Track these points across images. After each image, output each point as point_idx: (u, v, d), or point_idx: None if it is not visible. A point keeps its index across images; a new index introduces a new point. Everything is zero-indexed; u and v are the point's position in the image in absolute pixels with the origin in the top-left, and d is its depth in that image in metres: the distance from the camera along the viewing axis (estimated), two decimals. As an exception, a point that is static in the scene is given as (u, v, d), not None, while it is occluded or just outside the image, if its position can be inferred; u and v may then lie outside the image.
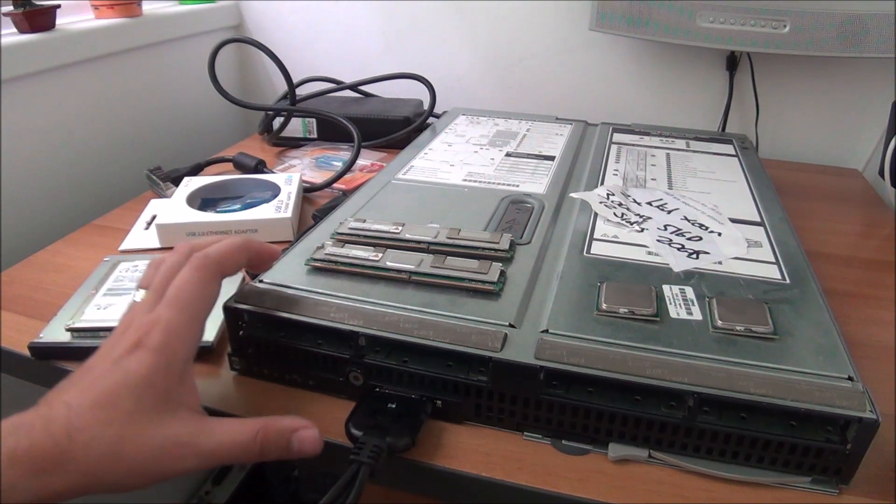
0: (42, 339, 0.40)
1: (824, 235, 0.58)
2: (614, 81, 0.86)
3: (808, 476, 0.32)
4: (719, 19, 0.69)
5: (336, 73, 0.90)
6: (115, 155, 0.77)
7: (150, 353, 0.29)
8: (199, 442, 0.29)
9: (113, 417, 0.27)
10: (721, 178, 0.58)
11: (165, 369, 0.29)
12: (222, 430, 0.30)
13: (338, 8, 0.92)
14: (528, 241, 0.45)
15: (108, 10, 0.76)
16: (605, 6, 0.73)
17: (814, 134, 0.82)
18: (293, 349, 0.37)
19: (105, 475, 0.27)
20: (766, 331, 0.35)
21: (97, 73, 0.73)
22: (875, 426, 0.29)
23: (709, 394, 0.31)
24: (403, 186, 0.55)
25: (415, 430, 0.33)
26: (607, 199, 0.52)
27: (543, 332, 0.35)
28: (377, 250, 0.41)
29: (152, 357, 0.29)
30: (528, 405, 0.34)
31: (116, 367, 0.29)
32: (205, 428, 0.29)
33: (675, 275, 0.41)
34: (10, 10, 0.65)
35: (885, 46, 0.65)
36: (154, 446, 0.28)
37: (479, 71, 0.91)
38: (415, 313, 0.36)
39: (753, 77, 0.79)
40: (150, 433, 0.28)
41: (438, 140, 0.67)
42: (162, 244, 0.54)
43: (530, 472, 0.33)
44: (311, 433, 0.31)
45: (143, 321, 0.30)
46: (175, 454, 0.28)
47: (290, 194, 0.58)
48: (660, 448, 0.33)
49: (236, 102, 0.71)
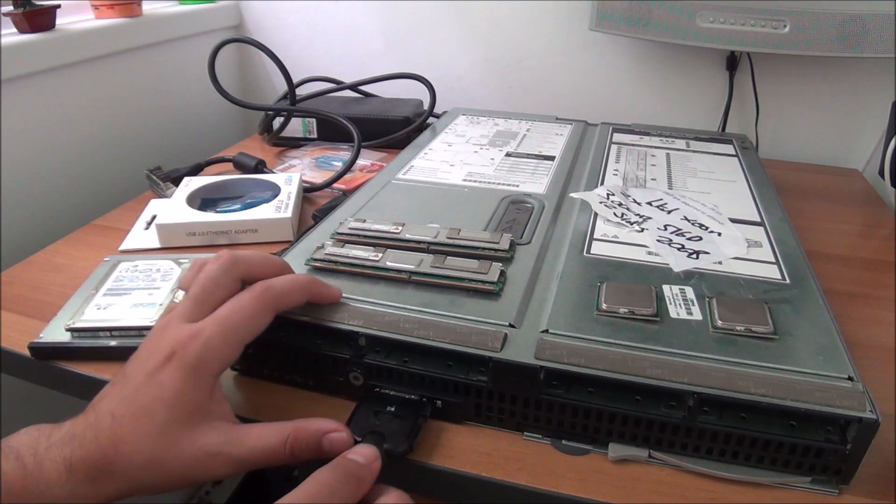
0: (42, 339, 0.40)
1: (824, 235, 0.58)
2: (614, 81, 0.86)
3: (808, 476, 0.32)
4: (719, 19, 0.69)
5: (336, 73, 0.90)
6: (115, 155, 0.77)
7: (183, 368, 0.30)
8: (231, 451, 0.30)
9: (150, 430, 0.29)
10: (721, 178, 0.58)
11: (196, 386, 0.30)
12: (252, 437, 0.30)
13: (338, 8, 0.92)
14: (528, 241, 0.45)
15: (108, 10, 0.76)
16: (605, 6, 0.73)
17: (814, 134, 0.82)
18: (293, 349, 0.37)
19: (147, 481, 0.29)
20: (766, 331, 0.35)
21: (97, 73, 0.73)
22: (875, 426, 0.29)
23: (709, 394, 0.31)
24: (403, 186, 0.55)
25: (413, 435, 0.33)
26: (607, 199, 0.52)
27: (543, 332, 0.35)
28: (377, 250, 0.41)
29: (184, 373, 0.30)
30: (528, 405, 0.34)
31: (151, 381, 0.30)
32: (235, 437, 0.30)
33: (675, 275, 0.41)
34: (10, 10, 0.65)
35: (885, 46, 0.65)
36: (188, 457, 0.29)
37: (479, 71, 0.91)
38: (415, 313, 0.36)
39: (753, 77, 0.79)
40: (185, 445, 0.29)
41: (438, 140, 0.67)
42: (162, 244, 0.54)
43: (530, 472, 0.33)
44: (342, 435, 0.31)
45: (182, 332, 0.31)
46: (208, 463, 0.30)
47: (290, 194, 0.58)
48: (660, 448, 0.33)
49: (236, 102, 0.71)
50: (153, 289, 0.45)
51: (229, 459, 0.30)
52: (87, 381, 0.39)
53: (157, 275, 0.46)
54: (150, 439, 0.29)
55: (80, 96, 0.71)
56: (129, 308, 0.42)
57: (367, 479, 0.29)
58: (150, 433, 0.29)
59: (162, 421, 0.29)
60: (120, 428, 0.29)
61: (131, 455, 0.28)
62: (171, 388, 0.29)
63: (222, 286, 0.33)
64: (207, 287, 0.32)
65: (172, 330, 0.31)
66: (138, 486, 0.29)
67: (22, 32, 0.65)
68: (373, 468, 0.29)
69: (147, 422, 0.29)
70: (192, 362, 0.30)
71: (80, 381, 0.40)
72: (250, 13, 0.97)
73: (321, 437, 0.31)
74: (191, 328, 0.31)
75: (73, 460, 0.28)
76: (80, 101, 0.72)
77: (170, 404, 0.29)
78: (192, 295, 0.32)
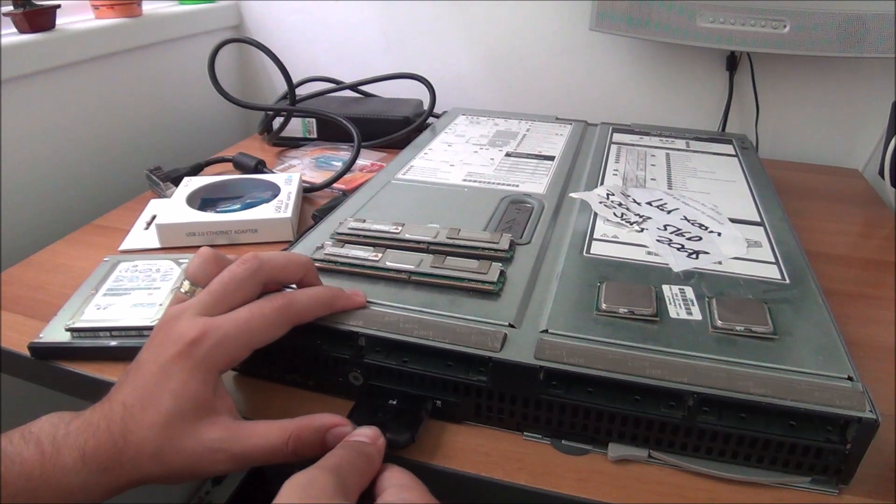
0: (42, 339, 0.40)
1: (824, 235, 0.58)
2: (614, 81, 0.86)
3: (807, 476, 0.32)
4: (719, 19, 0.69)
5: (336, 73, 0.90)
6: (115, 155, 0.77)
7: (194, 363, 0.30)
8: (232, 447, 0.30)
9: (157, 420, 0.29)
10: (721, 178, 0.58)
11: (202, 380, 0.30)
12: (254, 434, 0.30)
13: (338, 8, 0.92)
14: (527, 241, 0.45)
15: (108, 10, 0.76)
16: (605, 6, 0.73)
17: (814, 134, 0.82)
18: (293, 349, 0.37)
19: (151, 473, 0.29)
20: (766, 331, 0.35)
21: (97, 73, 0.73)
22: (875, 426, 0.29)
23: (709, 394, 0.31)
24: (403, 186, 0.55)
25: (415, 426, 0.33)
26: (607, 199, 0.52)
27: (543, 332, 0.35)
28: (377, 250, 0.41)
29: (193, 367, 0.30)
30: (527, 405, 0.34)
31: (163, 373, 0.30)
32: (237, 433, 0.30)
33: (675, 275, 0.41)
34: (10, 10, 0.65)
35: (885, 46, 0.65)
36: (189, 451, 0.29)
37: (479, 71, 0.91)
38: (415, 313, 0.36)
39: (753, 77, 0.79)
40: (187, 438, 0.29)
41: (438, 140, 0.67)
42: (162, 244, 0.54)
43: (530, 472, 0.33)
44: (346, 430, 0.31)
45: (197, 324, 0.31)
46: (209, 458, 0.30)
47: (290, 194, 0.58)
48: (660, 448, 0.33)
49: (236, 102, 0.71)
50: (153, 289, 0.45)
51: (230, 455, 0.30)
52: (87, 381, 0.39)
53: (157, 275, 0.46)
54: (157, 430, 0.29)
55: (80, 96, 0.71)
56: (129, 308, 0.42)
57: (376, 457, 0.29)
58: (156, 423, 0.29)
59: (167, 412, 0.29)
60: (130, 418, 0.29)
61: (140, 446, 0.29)
62: (180, 381, 0.30)
63: (244, 289, 0.33)
64: (230, 286, 0.33)
65: (187, 321, 0.31)
66: (146, 477, 0.29)
67: (22, 32, 0.65)
68: (378, 445, 0.30)
69: (154, 412, 0.29)
70: (203, 357, 0.30)
71: (80, 381, 0.40)
72: (250, 13, 0.97)
73: (325, 433, 0.31)
74: (206, 322, 0.31)
75: (86, 449, 0.28)
76: (80, 101, 0.72)
77: (176, 395, 0.29)
78: (213, 290, 0.32)
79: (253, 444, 0.30)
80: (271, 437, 0.30)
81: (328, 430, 0.31)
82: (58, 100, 0.69)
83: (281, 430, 0.30)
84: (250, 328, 0.32)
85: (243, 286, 0.33)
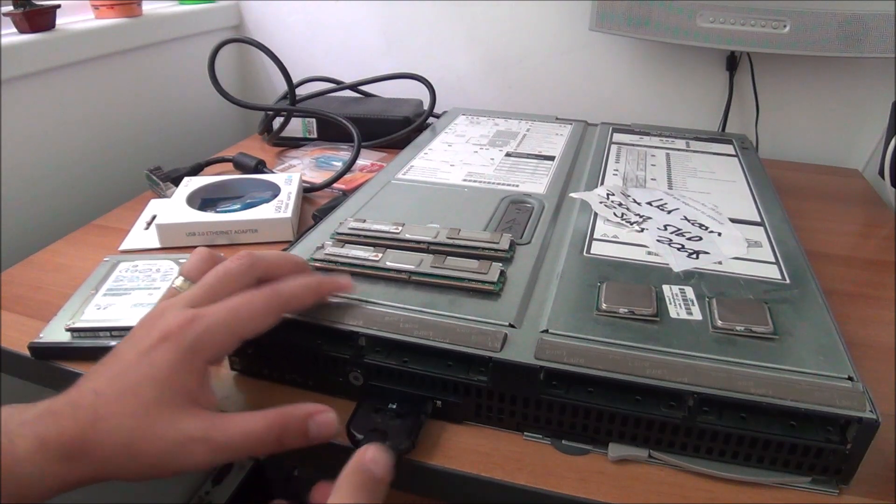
0: (42, 339, 0.40)
1: (824, 235, 0.58)
2: (614, 81, 0.86)
3: (808, 476, 0.32)
4: (719, 19, 0.69)
5: (336, 73, 0.90)
6: (116, 155, 0.77)
7: (179, 349, 0.29)
8: (212, 437, 0.29)
9: (133, 409, 0.28)
10: (721, 178, 0.58)
11: (187, 368, 0.29)
12: (236, 423, 0.29)
13: (338, 8, 0.92)
14: (528, 241, 0.45)
15: (108, 10, 0.76)
16: (605, 6, 0.73)
17: (814, 134, 0.82)
18: (293, 349, 0.37)
19: (122, 465, 0.28)
20: (766, 331, 0.35)
21: (97, 73, 0.73)
22: (875, 426, 0.29)
23: (709, 394, 0.31)
24: (403, 186, 0.55)
25: (415, 431, 0.33)
26: (607, 199, 0.52)
27: (543, 332, 0.35)
28: (377, 250, 0.41)
29: (179, 353, 0.29)
30: (528, 405, 0.34)
31: (144, 359, 0.29)
32: (219, 423, 0.29)
33: (675, 275, 0.41)
34: (10, 10, 0.65)
35: (885, 46, 0.65)
36: (167, 441, 0.28)
37: (479, 71, 0.91)
38: (415, 313, 0.36)
39: (753, 77, 0.79)
40: (165, 427, 0.28)
41: (438, 140, 0.67)
42: (162, 244, 0.54)
43: (530, 472, 0.33)
44: (328, 416, 0.31)
45: (183, 314, 0.30)
46: (189, 449, 0.28)
47: (290, 194, 0.58)
48: (660, 448, 0.33)
49: (236, 102, 0.72)
50: (153, 289, 0.45)
51: (211, 445, 0.29)
52: (87, 381, 0.39)
53: (157, 275, 0.46)
54: (131, 419, 0.28)
55: (80, 96, 0.71)
56: (129, 308, 0.42)
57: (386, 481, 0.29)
58: (132, 412, 0.28)
59: (147, 400, 0.28)
60: (102, 405, 0.28)
61: (109, 433, 0.27)
62: (163, 367, 0.29)
63: (237, 284, 0.33)
64: (223, 280, 0.32)
65: (173, 313, 0.30)
66: (113, 470, 0.28)
67: (22, 32, 0.65)
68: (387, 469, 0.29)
69: (131, 400, 0.28)
70: (189, 343, 0.29)
71: (80, 381, 0.40)
72: (250, 13, 0.97)
73: (307, 421, 0.30)
74: (193, 311, 0.30)
75: (46, 437, 0.27)
76: (80, 101, 0.72)
77: (158, 383, 0.28)
78: (206, 284, 0.32)
79: (234, 432, 0.29)
80: (254, 426, 0.29)
81: (310, 417, 0.30)
82: (58, 100, 0.69)
83: (263, 418, 0.30)
84: (239, 316, 0.31)
85: (237, 281, 0.33)
